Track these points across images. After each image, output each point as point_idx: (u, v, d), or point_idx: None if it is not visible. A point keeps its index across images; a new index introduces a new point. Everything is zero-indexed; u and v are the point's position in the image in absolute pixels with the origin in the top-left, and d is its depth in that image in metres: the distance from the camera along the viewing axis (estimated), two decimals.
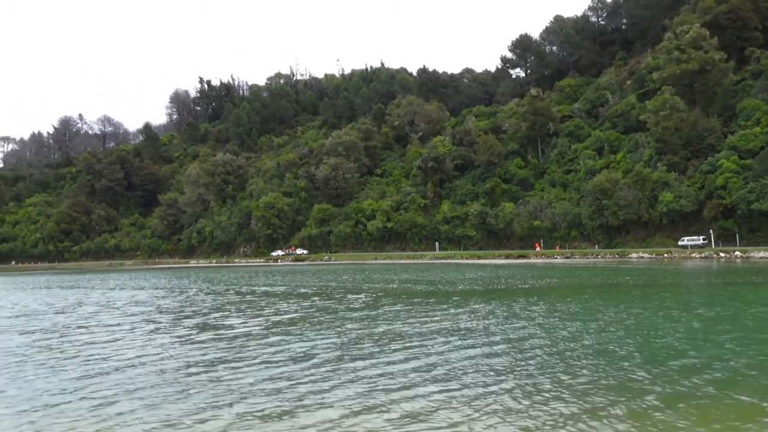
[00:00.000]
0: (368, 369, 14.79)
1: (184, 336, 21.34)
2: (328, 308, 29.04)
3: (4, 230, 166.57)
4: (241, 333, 21.42)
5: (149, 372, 15.21)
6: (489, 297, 32.27)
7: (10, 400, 12.86)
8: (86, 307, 34.27)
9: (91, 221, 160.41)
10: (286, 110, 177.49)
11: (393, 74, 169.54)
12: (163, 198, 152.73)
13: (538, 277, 47.81)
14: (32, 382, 14.43)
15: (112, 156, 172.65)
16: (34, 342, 21.24)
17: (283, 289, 44.10)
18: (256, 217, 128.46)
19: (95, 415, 11.46)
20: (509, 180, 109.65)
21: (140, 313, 30.28)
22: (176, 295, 42.13)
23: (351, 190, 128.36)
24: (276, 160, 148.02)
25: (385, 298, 33.76)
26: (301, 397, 12.41)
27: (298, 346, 18.13)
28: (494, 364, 15.13)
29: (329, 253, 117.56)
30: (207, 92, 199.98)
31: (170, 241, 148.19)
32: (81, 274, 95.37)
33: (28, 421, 11.32)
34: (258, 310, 29.39)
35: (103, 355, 17.86)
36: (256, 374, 14.44)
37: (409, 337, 19.20)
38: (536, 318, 23.26)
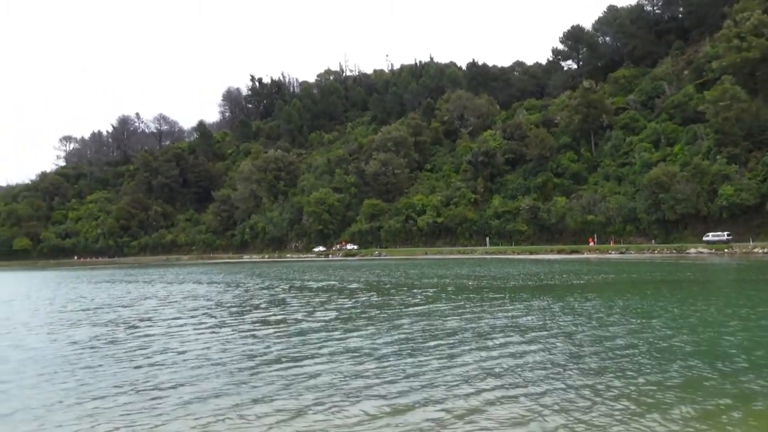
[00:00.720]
0: (430, 364, 14.61)
1: (245, 330, 21.55)
2: (384, 304, 28.92)
3: (68, 226, 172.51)
4: (302, 328, 21.48)
5: (213, 365, 15.35)
6: (544, 292, 31.76)
7: (82, 390, 13.20)
8: (149, 301, 35.11)
9: (149, 217, 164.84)
10: (336, 106, 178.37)
11: (442, 69, 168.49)
12: (217, 194, 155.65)
13: (593, 273, 46.87)
14: (103, 374, 14.78)
15: (168, 154, 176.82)
16: (102, 334, 21.82)
17: (337, 284, 44.21)
18: (307, 213, 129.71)
19: (160, 408, 11.64)
20: (561, 174, 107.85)
21: (201, 307, 30.77)
22: (234, 289, 42.72)
23: (401, 186, 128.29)
24: (326, 156, 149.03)
25: (440, 293, 33.45)
26: (364, 391, 12.33)
27: (357, 342, 18.08)
28: (557, 360, 14.81)
29: (379, 249, 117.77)
30: (258, 90, 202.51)
31: (224, 237, 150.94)
32: (140, 269, 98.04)
33: (99, 410, 11.56)
34: (315, 305, 29.49)
35: (167, 348, 18.22)
36: (318, 369, 14.44)
37: (469, 333, 18.97)
38: (595, 314, 22.75)
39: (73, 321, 26.28)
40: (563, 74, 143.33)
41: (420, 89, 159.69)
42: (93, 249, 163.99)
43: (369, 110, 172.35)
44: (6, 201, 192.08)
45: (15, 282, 70.24)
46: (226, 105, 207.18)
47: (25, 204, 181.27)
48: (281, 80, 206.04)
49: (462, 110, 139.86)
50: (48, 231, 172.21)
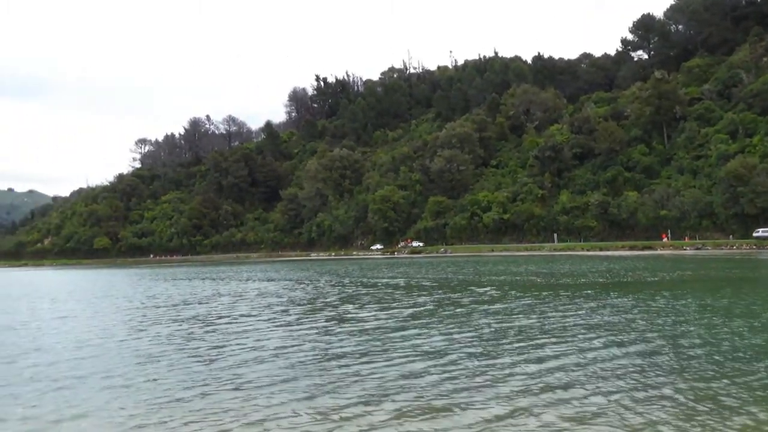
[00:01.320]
0: (511, 366, 14.06)
1: (321, 328, 21.62)
2: (456, 301, 28.49)
3: (144, 226, 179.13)
4: (374, 326, 21.37)
5: (290, 363, 15.41)
6: (617, 290, 30.73)
7: (165, 387, 13.46)
8: (224, 298, 35.71)
9: (220, 216, 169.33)
10: (400, 104, 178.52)
11: (507, 63, 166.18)
12: (284, 193, 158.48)
13: (668, 270, 45.20)
14: (183, 371, 15.04)
15: (237, 154, 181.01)
16: (183, 331, 22.30)
17: (405, 281, 43.99)
18: (372, 211, 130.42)
19: (240, 404, 11.70)
20: (632, 168, 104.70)
21: (275, 304, 31.08)
22: (305, 287, 42.97)
23: (466, 182, 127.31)
24: (391, 153, 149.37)
25: (511, 290, 32.81)
26: (443, 395, 11.92)
27: (431, 341, 17.73)
28: (652, 362, 13.90)
29: (445, 246, 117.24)
30: (323, 89, 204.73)
31: (291, 235, 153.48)
32: (212, 267, 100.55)
33: (180, 407, 11.73)
34: (386, 302, 29.38)
35: (244, 344, 18.42)
36: (394, 369, 14.17)
37: (547, 333, 18.43)
38: (672, 312, 21.81)
39: (154, 318, 26.97)
40: (633, 65, 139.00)
41: (484, 84, 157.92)
42: (167, 247, 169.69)
43: (433, 107, 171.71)
44: (87, 202, 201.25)
45: (97, 280, 73.08)
46: (292, 105, 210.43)
47: (104, 205, 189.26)
48: (345, 79, 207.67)
49: (528, 105, 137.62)
50: (125, 230, 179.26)
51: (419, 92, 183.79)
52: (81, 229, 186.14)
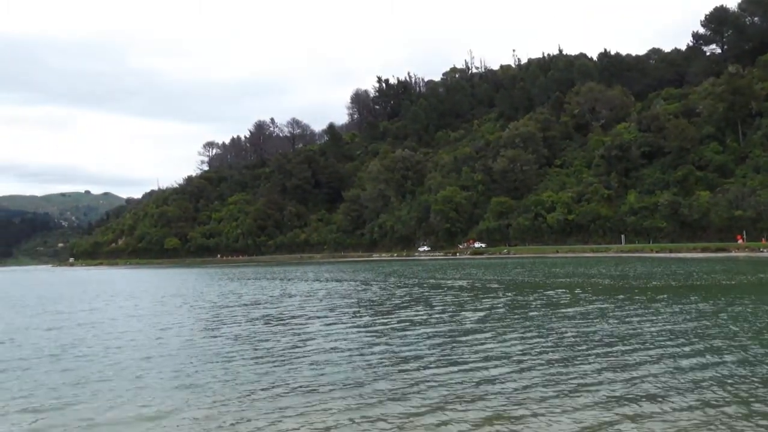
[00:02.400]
0: (591, 375, 13.33)
1: (390, 330, 21.43)
2: (526, 304, 27.92)
3: (211, 227, 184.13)
4: (451, 329, 20.93)
5: (362, 365, 15.31)
6: (696, 293, 29.47)
7: (237, 387, 13.57)
8: (293, 299, 36.13)
9: (284, 217, 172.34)
10: (462, 104, 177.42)
11: (571, 61, 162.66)
12: (347, 194, 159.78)
13: (744, 273, 43.25)
14: (254, 371, 15.20)
15: (301, 156, 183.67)
16: (253, 331, 22.64)
17: (473, 283, 43.52)
18: (434, 211, 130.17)
19: (310, 407, 11.67)
20: (704, 167, 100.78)
21: (345, 305, 31.25)
22: (372, 287, 43.02)
23: (529, 182, 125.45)
24: (453, 154, 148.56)
25: (583, 293, 31.95)
26: (518, 403, 11.31)
27: (504, 346, 17.20)
28: (747, 372, 13.02)
29: (508, 247, 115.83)
30: (385, 91, 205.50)
31: (354, 236, 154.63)
32: (278, 267, 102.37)
33: (252, 407, 11.79)
34: (456, 305, 28.93)
35: (316, 346, 18.50)
36: (467, 375, 13.75)
37: (626, 339, 17.49)
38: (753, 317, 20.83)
39: (226, 318, 27.53)
40: (705, 60, 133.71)
41: (548, 83, 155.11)
42: (233, 248, 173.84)
43: (495, 107, 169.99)
44: (158, 204, 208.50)
45: (168, 279, 75.33)
46: (354, 107, 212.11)
47: (174, 206, 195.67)
48: (407, 80, 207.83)
49: (593, 103, 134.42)
50: (194, 231, 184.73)
51: (482, 92, 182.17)
52: (152, 229, 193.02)
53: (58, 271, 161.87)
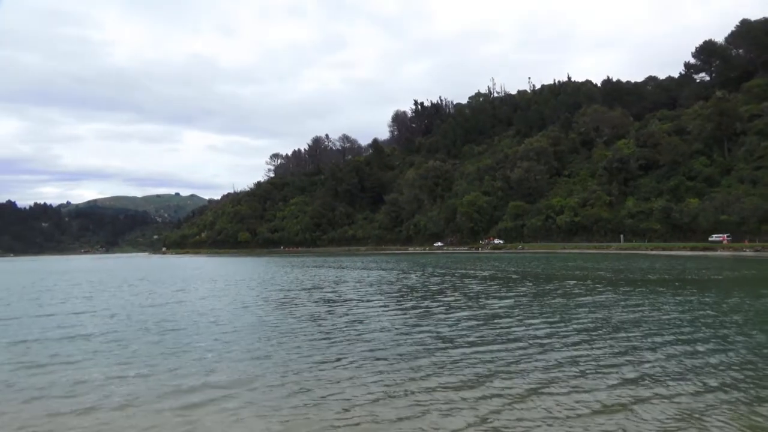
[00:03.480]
0: (612, 357, 12.78)
1: (434, 313, 20.93)
2: (546, 293, 27.01)
3: (276, 223, 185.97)
4: (481, 313, 20.39)
5: (412, 342, 14.98)
6: (695, 286, 28.68)
7: (303, 360, 13.48)
8: (348, 284, 35.96)
9: (335, 216, 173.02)
10: (485, 123, 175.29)
11: (578, 86, 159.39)
12: (387, 198, 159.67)
13: (730, 269, 41.83)
14: (318, 346, 15.14)
15: (350, 166, 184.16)
16: (318, 312, 22.48)
17: (495, 274, 42.96)
18: (460, 213, 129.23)
19: (363, 375, 11.65)
20: (694, 177, 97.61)
21: (393, 290, 30.87)
22: (414, 275, 42.55)
23: (541, 189, 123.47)
24: (477, 165, 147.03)
25: (594, 284, 31.06)
26: (549, 380, 10.94)
27: (533, 329, 16.67)
28: (733, 358, 12.58)
29: (522, 243, 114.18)
30: (420, 112, 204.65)
31: (393, 232, 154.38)
32: (331, 257, 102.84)
33: (316, 380, 11.63)
34: (486, 292, 28.28)
35: (370, 325, 18.31)
36: (501, 354, 13.31)
37: (640, 325, 16.76)
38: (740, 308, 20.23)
39: (294, 299, 27.62)
40: (696, 86, 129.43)
41: (558, 105, 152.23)
42: (294, 241, 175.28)
43: (513, 125, 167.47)
44: (233, 204, 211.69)
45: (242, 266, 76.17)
46: (394, 125, 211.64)
47: (246, 206, 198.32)
48: (439, 103, 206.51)
49: (597, 122, 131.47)
50: (262, 227, 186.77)
51: (501, 113, 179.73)
52: (228, 225, 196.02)
53: (154, 258, 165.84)
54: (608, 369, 11.76)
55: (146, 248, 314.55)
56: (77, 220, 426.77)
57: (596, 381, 10.90)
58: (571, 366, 12.03)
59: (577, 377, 11.15)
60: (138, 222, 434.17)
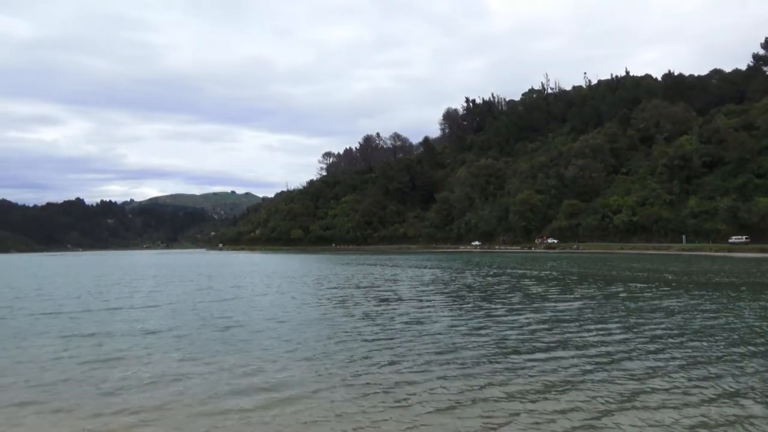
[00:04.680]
0: (717, 365, 11.71)
1: (497, 315, 20.22)
2: (613, 295, 25.50)
3: (327, 221, 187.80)
4: (547, 317, 19.34)
5: (473, 346, 14.40)
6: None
7: (359, 360, 13.25)
8: (403, 283, 35.33)
9: (386, 214, 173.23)
10: (538, 120, 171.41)
11: (638, 81, 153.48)
12: (438, 196, 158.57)
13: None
14: (376, 346, 14.91)
15: (401, 164, 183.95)
16: (373, 310, 22.37)
17: (552, 274, 41.59)
18: (513, 211, 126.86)
19: (425, 377, 11.30)
20: (763, 175, 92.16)
21: (452, 290, 30.27)
22: (468, 275, 41.61)
23: (597, 187, 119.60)
24: (530, 163, 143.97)
25: (663, 287, 29.21)
26: (626, 392, 10.05)
27: (604, 335, 15.28)
28: None
29: (577, 243, 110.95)
30: (472, 109, 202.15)
31: (443, 230, 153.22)
32: (383, 255, 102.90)
33: (372, 378, 11.46)
34: (549, 294, 27.09)
35: (432, 326, 17.75)
36: (572, 362, 12.39)
37: (721, 333, 15.51)
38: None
39: (351, 296, 27.48)
40: (765, 79, 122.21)
41: (616, 101, 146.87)
42: (345, 238, 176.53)
43: (568, 122, 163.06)
44: (287, 202, 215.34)
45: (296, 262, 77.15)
46: (446, 123, 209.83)
47: (298, 204, 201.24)
48: (491, 100, 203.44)
49: (657, 118, 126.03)
50: (314, 224, 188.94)
51: (556, 109, 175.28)
52: (282, 222, 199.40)
53: (211, 254, 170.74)
54: (701, 380, 10.64)
55: (203, 244, 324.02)
56: (140, 217, 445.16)
57: (689, 395, 9.81)
58: (655, 376, 10.99)
59: (667, 390, 10.12)
60: (196, 219, 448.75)
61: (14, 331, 18.17)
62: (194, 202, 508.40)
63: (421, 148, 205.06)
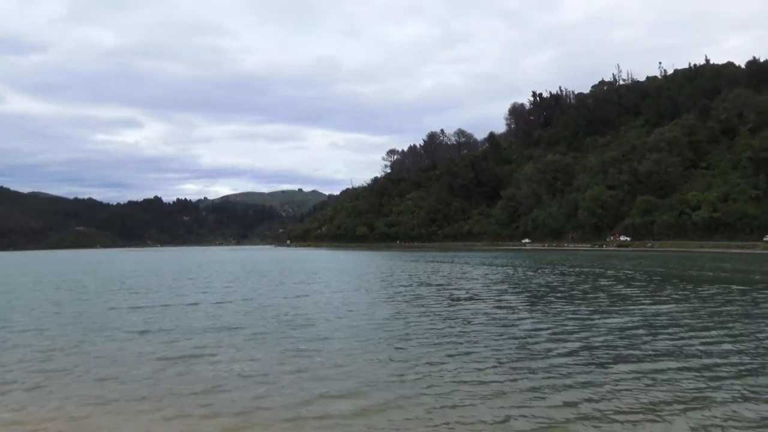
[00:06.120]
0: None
1: (580, 318, 18.81)
2: (708, 298, 23.36)
3: (392, 218, 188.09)
4: (637, 322, 17.55)
5: (560, 354, 13.30)
6: None
7: (444, 360, 12.75)
8: (476, 282, 34.01)
9: (450, 211, 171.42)
10: (609, 113, 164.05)
11: (718, 69, 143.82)
12: (504, 193, 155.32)
13: None
14: (460, 348, 14.25)
15: (465, 160, 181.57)
16: (451, 311, 21.41)
17: (632, 273, 38.96)
18: (582, 208, 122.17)
19: (509, 383, 10.63)
20: None
21: (528, 290, 28.77)
22: (542, 274, 39.93)
23: (674, 183, 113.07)
24: (600, 157, 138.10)
25: (763, 290, 26.53)
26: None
27: (713, 346, 13.68)
28: None
29: (652, 241, 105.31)
30: (539, 103, 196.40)
31: (509, 228, 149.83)
32: (448, 252, 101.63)
33: (438, 378, 11.04)
34: (636, 295, 25.20)
35: (515, 331, 16.75)
36: (685, 375, 11.10)
37: None
38: None
39: (423, 294, 26.72)
40: None
41: (694, 91, 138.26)
42: (410, 235, 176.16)
43: (641, 114, 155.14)
44: (351, 199, 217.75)
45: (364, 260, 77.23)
46: (511, 118, 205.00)
47: (363, 201, 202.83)
48: (559, 93, 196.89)
49: (741, 108, 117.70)
50: (379, 221, 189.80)
51: (628, 101, 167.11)
52: (347, 220, 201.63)
53: (280, 250, 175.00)
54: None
55: (272, 241, 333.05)
56: (213, 215, 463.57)
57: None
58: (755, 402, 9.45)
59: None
60: (265, 216, 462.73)
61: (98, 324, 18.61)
62: (263, 200, 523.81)
63: (486, 144, 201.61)
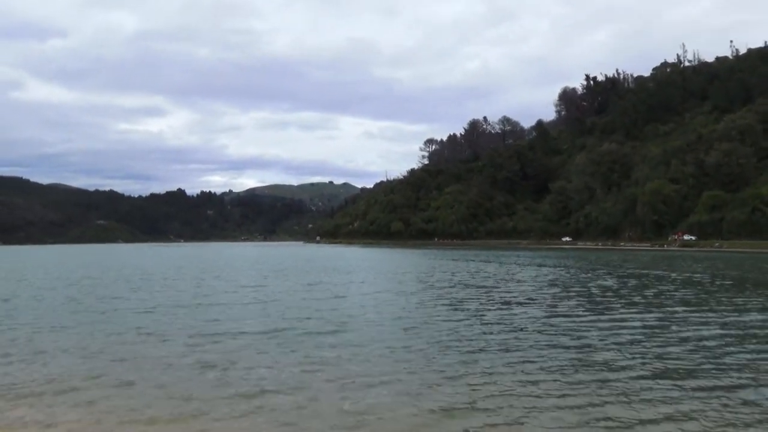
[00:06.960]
0: None
1: (647, 326, 17.91)
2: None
3: (429, 213, 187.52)
4: (715, 333, 16.56)
5: (619, 365, 12.73)
6: None
7: (478, 356, 12.64)
8: (524, 284, 33.42)
9: (493, 206, 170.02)
10: (673, 98, 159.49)
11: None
12: (553, 186, 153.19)
13: None
14: (508, 357, 13.86)
15: (510, 151, 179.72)
16: (499, 315, 20.99)
17: (704, 278, 37.35)
18: (641, 203, 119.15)
19: (567, 396, 10.25)
20: None
21: (588, 294, 27.98)
22: (598, 276, 38.81)
23: (747, 176, 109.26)
24: (662, 147, 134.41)
25: None
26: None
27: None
28: None
29: (720, 240, 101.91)
30: (593, 88, 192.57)
31: (559, 225, 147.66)
32: (491, 251, 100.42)
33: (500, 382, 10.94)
34: (717, 301, 24.06)
35: (568, 338, 16.06)
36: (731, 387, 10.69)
37: None
38: None
39: (465, 297, 26.37)
40: None
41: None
42: (448, 232, 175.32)
43: (709, 99, 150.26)
44: (386, 193, 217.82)
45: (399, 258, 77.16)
46: (562, 104, 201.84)
47: (399, 195, 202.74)
48: (615, 77, 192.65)
49: None
50: (415, 217, 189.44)
51: (693, 85, 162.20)
52: (381, 215, 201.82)
53: (310, 247, 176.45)
54: None
55: (301, 237, 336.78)
56: (238, 208, 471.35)
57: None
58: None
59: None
60: (294, 210, 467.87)
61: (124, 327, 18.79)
62: (292, 193, 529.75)
63: (533, 132, 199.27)
